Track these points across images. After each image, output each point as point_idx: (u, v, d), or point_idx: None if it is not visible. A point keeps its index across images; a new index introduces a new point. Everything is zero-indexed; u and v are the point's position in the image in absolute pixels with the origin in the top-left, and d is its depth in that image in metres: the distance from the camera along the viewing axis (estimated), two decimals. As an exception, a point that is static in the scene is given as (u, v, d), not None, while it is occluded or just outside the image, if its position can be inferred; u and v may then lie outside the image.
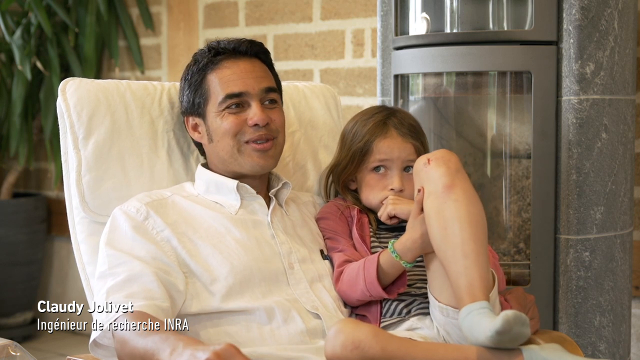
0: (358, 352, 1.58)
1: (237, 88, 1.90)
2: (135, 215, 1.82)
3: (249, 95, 1.90)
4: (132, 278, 1.73)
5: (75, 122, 1.94)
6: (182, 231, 1.83)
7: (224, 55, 1.93)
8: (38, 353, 3.71)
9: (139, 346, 1.60)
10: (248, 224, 1.88)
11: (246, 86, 1.90)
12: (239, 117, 1.89)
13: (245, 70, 1.91)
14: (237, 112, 1.90)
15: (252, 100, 1.90)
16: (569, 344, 1.86)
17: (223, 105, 1.90)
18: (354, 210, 1.98)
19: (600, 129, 2.22)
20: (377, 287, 1.81)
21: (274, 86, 1.95)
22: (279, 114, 1.94)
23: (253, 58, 1.94)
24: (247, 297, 1.78)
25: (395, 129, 1.97)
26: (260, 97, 1.91)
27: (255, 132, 1.89)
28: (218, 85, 1.91)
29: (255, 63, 1.94)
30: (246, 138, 1.89)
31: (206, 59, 1.94)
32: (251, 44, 1.95)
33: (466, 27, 2.31)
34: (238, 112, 1.90)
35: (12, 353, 1.72)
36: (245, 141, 1.89)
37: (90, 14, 3.74)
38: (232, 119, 1.89)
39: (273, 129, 1.91)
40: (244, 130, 1.89)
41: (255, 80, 1.91)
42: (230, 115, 1.90)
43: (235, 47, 1.93)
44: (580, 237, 2.22)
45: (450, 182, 1.74)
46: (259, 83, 1.91)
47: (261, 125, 1.88)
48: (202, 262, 1.80)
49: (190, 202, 1.89)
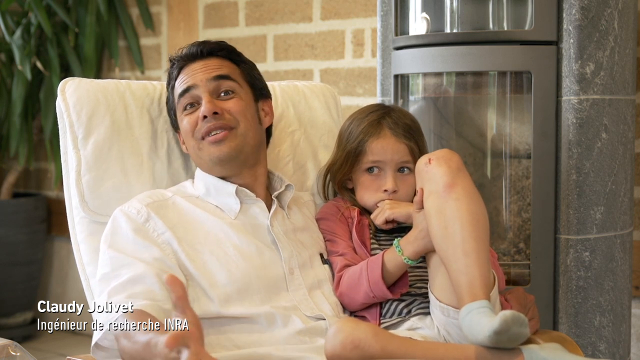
0: (358, 351, 1.58)
1: (185, 84, 1.91)
2: (136, 217, 1.82)
3: (197, 88, 1.89)
4: (134, 279, 1.72)
5: (74, 121, 1.94)
6: (181, 235, 1.82)
7: (178, 64, 1.95)
8: (38, 353, 3.71)
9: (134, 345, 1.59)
10: (248, 229, 1.87)
11: (194, 80, 1.90)
12: (193, 115, 1.90)
13: (196, 69, 1.92)
14: (192, 112, 1.90)
15: (201, 94, 1.89)
16: (569, 343, 1.86)
17: (180, 107, 1.92)
18: (354, 212, 1.98)
19: (600, 129, 2.22)
20: (382, 287, 1.81)
21: (226, 74, 1.91)
22: (236, 102, 1.90)
23: (208, 58, 1.93)
24: (246, 304, 1.77)
25: (389, 129, 1.96)
26: (210, 88, 1.89)
27: (205, 125, 1.87)
28: (176, 91, 1.93)
29: (211, 61, 1.93)
30: (200, 134, 1.88)
31: (169, 74, 1.97)
32: (202, 45, 1.94)
33: (466, 27, 2.31)
34: (192, 111, 1.90)
35: (12, 353, 1.72)
36: (201, 138, 1.89)
37: (90, 14, 3.74)
38: (187, 118, 1.91)
39: (227, 119, 1.88)
40: (198, 127, 1.89)
41: (204, 73, 1.90)
42: (187, 116, 1.91)
43: (187, 52, 1.94)
44: (580, 237, 2.22)
45: (451, 181, 1.74)
46: (207, 74, 1.90)
47: (208, 115, 1.86)
48: (200, 268, 1.79)
49: (191, 205, 1.89)
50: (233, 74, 1.93)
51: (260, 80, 2.01)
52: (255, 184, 1.93)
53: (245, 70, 1.97)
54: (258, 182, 1.94)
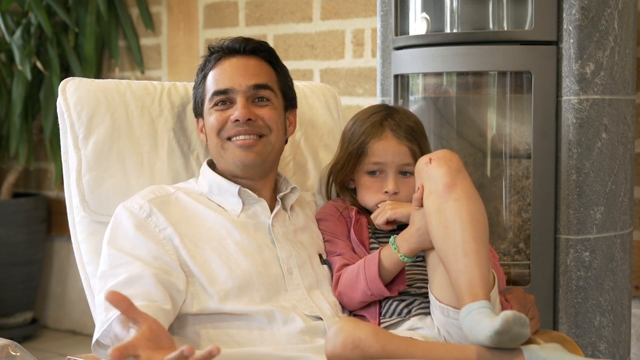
0: (358, 351, 1.58)
1: (223, 85, 1.90)
2: (139, 213, 1.82)
3: (235, 92, 1.89)
4: (132, 279, 1.72)
5: (75, 121, 1.95)
6: (183, 231, 1.82)
7: (219, 54, 1.94)
8: (38, 353, 3.71)
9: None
10: (249, 228, 1.88)
11: (232, 83, 1.89)
12: (224, 114, 1.90)
13: (236, 67, 1.91)
14: (223, 109, 1.90)
15: (237, 97, 1.89)
16: (569, 343, 1.86)
17: (212, 102, 1.91)
18: (352, 211, 1.98)
19: (600, 129, 2.22)
20: (378, 284, 1.81)
21: (265, 83, 1.92)
22: (269, 111, 1.91)
23: (250, 56, 1.93)
24: (245, 301, 1.78)
25: (391, 131, 1.96)
26: (247, 94, 1.89)
27: (235, 128, 1.88)
28: (210, 83, 1.92)
29: (251, 61, 1.93)
30: (227, 135, 1.89)
31: (205, 60, 1.96)
32: (246, 41, 1.94)
33: (466, 27, 2.31)
34: (224, 109, 1.90)
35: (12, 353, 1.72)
36: (228, 138, 1.89)
37: (90, 14, 3.74)
38: (216, 115, 1.90)
39: (260, 126, 1.89)
40: (226, 127, 1.89)
41: (244, 77, 1.90)
42: (216, 112, 1.90)
43: (230, 45, 1.94)
44: (580, 237, 2.22)
45: (451, 182, 1.74)
46: (247, 80, 1.90)
47: (241, 121, 1.87)
48: (201, 264, 1.79)
49: (194, 201, 1.89)
50: (271, 82, 1.93)
51: (292, 90, 2.01)
52: (263, 187, 1.94)
53: (281, 77, 1.97)
54: (266, 187, 1.95)
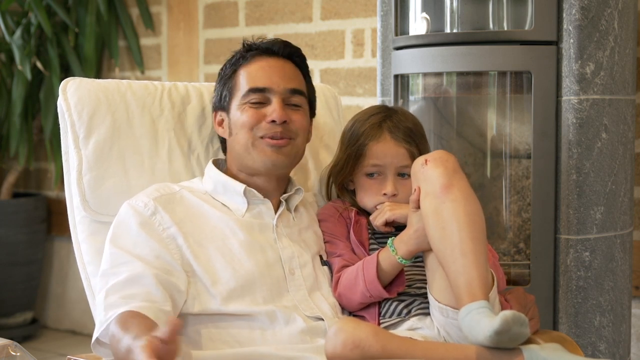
0: (358, 351, 1.58)
1: (261, 83, 1.90)
2: (143, 210, 1.82)
3: (272, 92, 1.89)
4: (132, 279, 1.72)
5: (75, 121, 1.95)
6: (187, 230, 1.82)
7: (256, 52, 1.94)
8: (38, 353, 3.71)
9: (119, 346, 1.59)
10: (254, 228, 1.88)
11: (271, 83, 1.90)
12: (259, 111, 1.89)
13: (274, 67, 1.92)
14: (258, 107, 1.90)
15: (274, 97, 1.89)
16: (569, 343, 1.86)
17: (246, 98, 1.90)
18: (352, 212, 1.98)
19: (600, 129, 2.23)
20: (377, 286, 1.81)
21: (301, 89, 1.93)
22: (301, 117, 1.92)
23: (286, 59, 1.94)
24: (247, 301, 1.78)
25: (389, 133, 1.96)
26: (283, 96, 1.90)
27: (271, 129, 1.88)
28: (244, 79, 1.92)
29: (287, 64, 1.94)
30: (261, 133, 1.88)
31: (239, 54, 1.95)
32: (285, 45, 1.95)
33: (466, 27, 2.31)
34: (258, 107, 1.90)
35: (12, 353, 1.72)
36: (260, 136, 1.88)
37: (90, 14, 3.74)
38: (251, 112, 1.89)
39: (292, 129, 1.89)
40: (260, 125, 1.88)
41: (282, 79, 1.90)
42: (250, 109, 1.90)
43: (268, 46, 1.94)
44: (580, 237, 2.22)
45: (447, 182, 1.74)
46: (285, 82, 1.90)
47: (278, 122, 1.87)
48: (204, 264, 1.79)
49: (199, 200, 1.89)
50: (303, 89, 1.95)
51: (315, 99, 2.02)
52: (274, 189, 1.94)
53: (309, 85, 1.99)
54: (277, 189, 1.95)
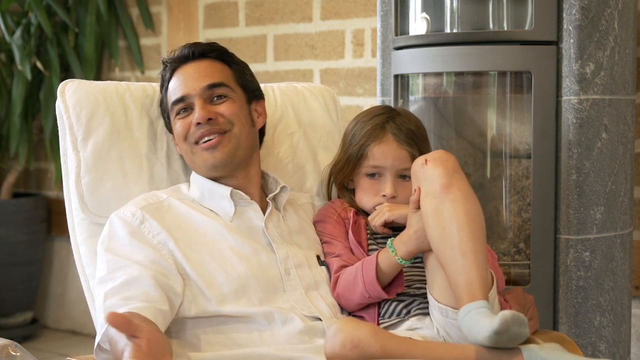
0: (358, 350, 1.58)
1: (180, 93, 1.92)
2: (131, 221, 1.82)
3: (191, 97, 1.91)
4: (130, 281, 1.72)
5: (74, 123, 1.95)
6: (177, 236, 1.82)
7: (170, 67, 1.96)
8: (38, 353, 3.71)
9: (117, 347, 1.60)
10: (243, 231, 1.88)
11: (187, 89, 1.91)
12: (186, 120, 1.91)
13: (188, 74, 1.93)
14: (185, 116, 1.92)
15: (195, 101, 1.90)
16: (568, 343, 1.86)
17: (173, 112, 1.93)
18: (350, 212, 1.98)
19: (600, 129, 2.22)
20: (376, 287, 1.81)
21: (219, 81, 1.92)
22: (228, 106, 1.91)
23: (200, 60, 1.95)
24: (243, 303, 1.78)
25: (392, 135, 1.96)
26: (204, 96, 1.91)
27: (198, 131, 1.89)
28: (168, 97, 1.95)
29: (203, 64, 1.94)
30: (193, 139, 1.90)
31: (161, 77, 1.98)
32: (194, 46, 1.95)
33: (466, 27, 2.31)
34: (185, 115, 1.92)
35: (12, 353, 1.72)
36: (195, 142, 1.90)
37: (90, 14, 3.74)
38: (179, 123, 1.92)
39: (221, 122, 1.90)
40: (190, 132, 1.90)
41: (196, 80, 1.91)
42: (179, 120, 1.92)
43: (179, 54, 1.96)
44: (580, 237, 2.22)
45: (447, 182, 1.74)
46: (200, 82, 1.91)
47: (201, 122, 1.88)
48: (197, 267, 1.79)
49: (186, 207, 1.89)
50: (226, 79, 1.94)
51: (252, 82, 2.01)
52: (249, 185, 1.94)
53: (237, 72, 1.98)
54: (252, 183, 1.95)
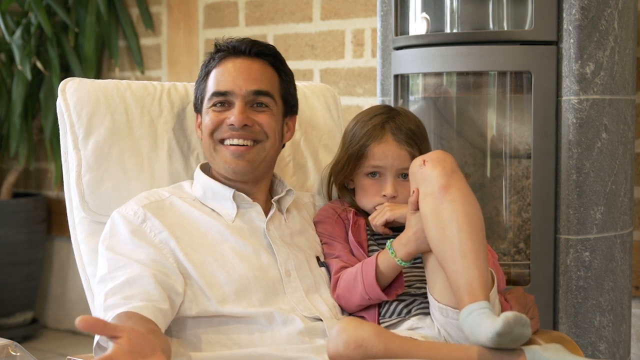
0: (361, 350, 1.58)
1: (223, 86, 1.89)
2: (133, 219, 1.82)
3: (234, 95, 1.88)
4: (130, 280, 1.72)
5: (75, 122, 1.94)
6: (179, 235, 1.82)
7: (223, 53, 1.92)
8: (38, 353, 3.71)
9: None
10: (245, 232, 1.87)
11: (233, 86, 1.88)
12: (220, 115, 1.88)
13: (239, 69, 1.89)
14: (221, 111, 1.89)
15: (236, 100, 1.88)
16: (569, 344, 1.86)
17: (210, 102, 1.90)
18: (350, 213, 1.98)
19: (600, 129, 2.22)
20: (376, 289, 1.81)
21: (266, 90, 1.89)
22: (268, 118, 1.89)
23: (254, 58, 1.92)
24: (244, 304, 1.77)
25: (391, 135, 1.95)
26: (246, 99, 1.88)
27: (230, 132, 1.87)
28: (211, 82, 1.91)
29: (255, 64, 1.91)
30: (221, 137, 1.88)
31: (210, 56, 1.95)
32: (252, 44, 1.92)
33: (466, 27, 2.31)
34: (222, 110, 1.89)
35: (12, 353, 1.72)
36: (221, 140, 1.88)
37: (90, 14, 3.74)
38: (212, 116, 1.89)
39: (256, 131, 1.88)
40: (221, 129, 1.88)
41: (246, 81, 1.88)
42: (213, 113, 1.89)
43: (235, 45, 1.92)
44: (580, 237, 2.22)
45: (446, 183, 1.73)
46: (248, 84, 1.88)
47: (236, 126, 1.85)
48: (198, 267, 1.79)
49: (188, 206, 1.88)
50: (272, 89, 1.91)
51: (294, 96, 1.99)
52: (257, 191, 1.93)
53: (284, 83, 1.95)
54: (260, 190, 1.94)
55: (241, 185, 1.91)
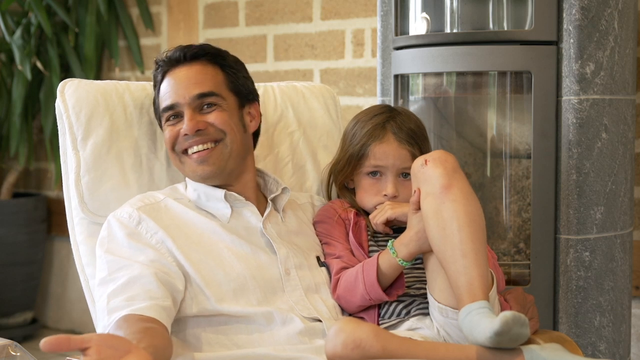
0: (359, 351, 1.57)
1: (169, 100, 1.89)
2: (128, 222, 1.82)
3: (181, 105, 1.87)
4: (132, 281, 1.72)
5: (74, 122, 1.94)
6: (175, 235, 1.82)
7: (162, 69, 1.93)
8: (38, 353, 3.70)
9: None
10: (240, 232, 1.87)
11: (177, 97, 1.88)
12: (174, 128, 1.89)
13: (179, 79, 1.89)
14: (175, 123, 1.89)
15: (184, 109, 1.87)
16: (568, 344, 1.86)
17: (164, 118, 1.91)
18: (350, 213, 1.97)
19: (600, 129, 2.22)
20: (377, 289, 1.81)
21: (209, 91, 1.88)
22: (218, 115, 1.87)
23: (192, 63, 1.90)
24: (242, 303, 1.77)
25: (392, 134, 1.95)
26: (193, 105, 1.87)
27: (186, 141, 1.87)
28: (160, 99, 1.92)
29: (194, 68, 1.90)
30: (181, 148, 1.88)
31: (154, 75, 1.95)
32: (185, 49, 1.91)
33: (466, 27, 2.31)
34: (175, 123, 1.89)
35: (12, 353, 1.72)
36: (184, 151, 1.88)
37: (90, 14, 3.74)
38: (168, 131, 1.90)
39: (211, 132, 1.87)
40: (179, 141, 1.88)
41: (187, 88, 1.87)
42: (168, 128, 1.90)
43: (170, 56, 1.92)
44: (580, 237, 2.22)
45: (447, 183, 1.73)
46: (190, 90, 1.87)
47: (189, 134, 1.85)
48: (196, 265, 1.79)
49: (184, 207, 1.88)
50: (216, 87, 1.89)
51: (245, 85, 1.96)
52: (244, 189, 1.93)
53: (230, 76, 1.93)
54: (247, 188, 1.93)
55: (227, 187, 1.90)
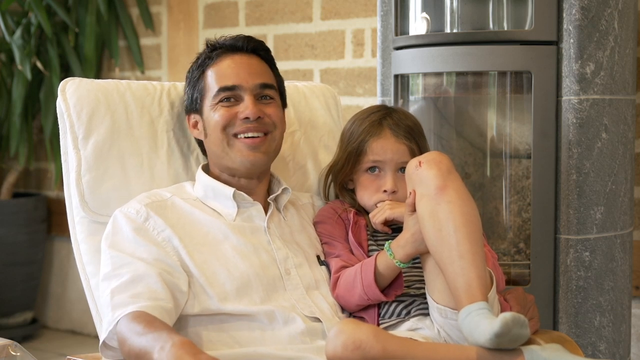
0: (359, 352, 1.58)
1: (230, 81, 1.90)
2: (136, 217, 1.82)
3: (242, 89, 1.90)
4: (136, 279, 1.73)
5: (75, 122, 1.95)
6: (181, 234, 1.83)
7: (221, 51, 1.94)
8: (38, 353, 3.71)
9: (135, 345, 1.60)
10: (246, 231, 1.88)
11: (240, 80, 1.90)
12: (231, 110, 1.89)
13: (241, 64, 1.92)
14: (230, 106, 1.90)
15: (245, 94, 1.89)
16: (569, 344, 1.86)
17: (217, 98, 1.90)
18: (350, 213, 1.98)
19: (600, 129, 2.22)
20: (375, 290, 1.81)
21: (270, 83, 1.94)
22: (275, 109, 1.93)
23: (251, 54, 1.95)
24: (245, 302, 1.78)
25: (389, 130, 1.96)
26: (254, 92, 1.90)
27: (244, 125, 1.88)
28: (213, 79, 1.92)
29: (253, 59, 1.94)
30: (235, 131, 1.89)
31: (204, 55, 1.96)
32: (248, 40, 1.95)
33: (466, 27, 2.31)
34: (230, 105, 1.90)
35: (12, 353, 1.72)
36: (235, 134, 1.89)
37: (90, 14, 3.74)
38: (223, 111, 1.89)
39: (267, 123, 1.90)
40: (233, 123, 1.89)
41: (250, 75, 1.91)
42: (222, 108, 1.90)
43: (232, 43, 1.94)
44: (580, 237, 2.22)
45: (442, 184, 1.73)
46: (253, 78, 1.91)
47: (251, 118, 1.87)
48: (200, 265, 1.79)
49: (190, 206, 1.89)
50: (273, 82, 1.95)
51: (284, 90, 2.03)
52: (258, 187, 1.95)
53: (277, 77, 2.00)
54: (261, 187, 1.96)
55: (245, 182, 1.92)
